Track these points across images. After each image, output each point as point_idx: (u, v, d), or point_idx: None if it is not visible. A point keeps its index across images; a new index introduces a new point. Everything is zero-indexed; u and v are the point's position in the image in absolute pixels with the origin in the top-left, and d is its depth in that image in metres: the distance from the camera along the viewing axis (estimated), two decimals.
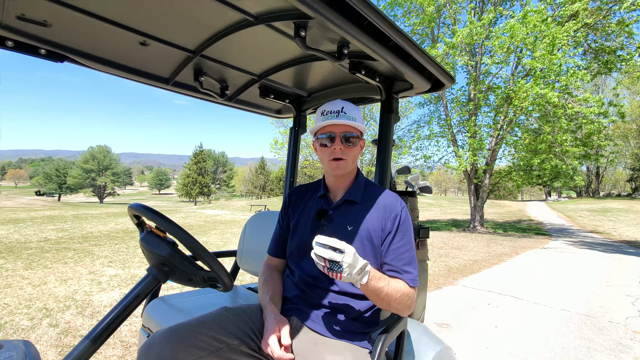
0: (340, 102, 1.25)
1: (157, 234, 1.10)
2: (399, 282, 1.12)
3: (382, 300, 1.06)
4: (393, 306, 1.09)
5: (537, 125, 12.68)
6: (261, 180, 61.11)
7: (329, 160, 1.22)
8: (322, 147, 1.24)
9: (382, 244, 1.17)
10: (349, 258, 0.94)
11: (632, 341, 3.19)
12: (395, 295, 1.07)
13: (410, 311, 1.14)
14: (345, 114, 1.21)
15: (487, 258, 7.33)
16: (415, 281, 1.15)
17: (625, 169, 44.91)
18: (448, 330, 3.31)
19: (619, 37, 10.72)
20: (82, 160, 61.17)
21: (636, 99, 31.97)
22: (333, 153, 1.21)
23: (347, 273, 0.95)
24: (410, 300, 1.12)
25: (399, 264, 1.15)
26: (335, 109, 1.23)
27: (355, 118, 1.22)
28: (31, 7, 1.07)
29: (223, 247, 7.55)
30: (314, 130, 1.26)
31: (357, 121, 1.22)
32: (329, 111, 1.23)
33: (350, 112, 1.23)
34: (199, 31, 1.31)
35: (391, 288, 1.06)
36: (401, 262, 1.15)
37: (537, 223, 17.09)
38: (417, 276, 1.16)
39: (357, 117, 1.23)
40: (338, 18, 0.94)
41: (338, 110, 1.22)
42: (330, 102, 1.27)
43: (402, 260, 1.15)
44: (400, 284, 1.11)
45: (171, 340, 0.98)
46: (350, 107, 1.24)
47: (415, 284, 1.15)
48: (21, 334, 2.76)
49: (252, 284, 2.31)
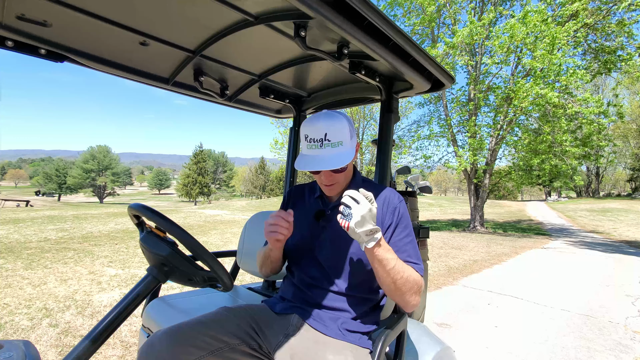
0: (323, 125, 1.09)
1: (157, 234, 1.10)
2: (408, 266, 1.10)
3: (388, 274, 1.03)
4: (399, 286, 1.04)
5: (537, 125, 12.68)
6: (261, 180, 61.08)
7: (321, 183, 1.23)
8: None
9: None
10: (361, 210, 0.94)
11: (632, 341, 3.19)
12: (403, 274, 1.04)
13: (417, 302, 1.11)
14: (330, 141, 1.08)
15: (487, 258, 7.33)
16: (420, 270, 1.14)
17: (625, 169, 44.90)
18: (448, 330, 3.31)
19: (619, 37, 10.71)
20: (82, 160, 61.18)
21: (636, 99, 31.97)
22: (322, 181, 1.20)
23: (353, 223, 0.94)
24: (418, 286, 1.09)
25: (403, 255, 1.14)
26: (318, 136, 1.09)
27: (342, 141, 1.10)
28: (31, 7, 1.07)
29: (223, 247, 7.55)
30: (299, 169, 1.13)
31: (345, 144, 1.10)
32: (311, 138, 1.11)
33: (335, 135, 1.09)
34: (199, 31, 1.31)
35: (400, 264, 1.05)
36: (405, 253, 1.15)
37: (537, 223, 17.09)
38: (422, 265, 1.16)
39: (344, 138, 1.10)
40: (338, 18, 0.94)
41: (321, 139, 1.09)
42: (312, 122, 1.12)
43: (406, 252, 1.15)
44: (410, 268, 1.10)
45: (171, 340, 0.98)
46: (334, 129, 1.09)
47: (421, 272, 1.14)
48: (21, 334, 2.76)
49: (252, 284, 2.31)
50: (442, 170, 22.23)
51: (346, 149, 1.11)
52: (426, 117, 14.90)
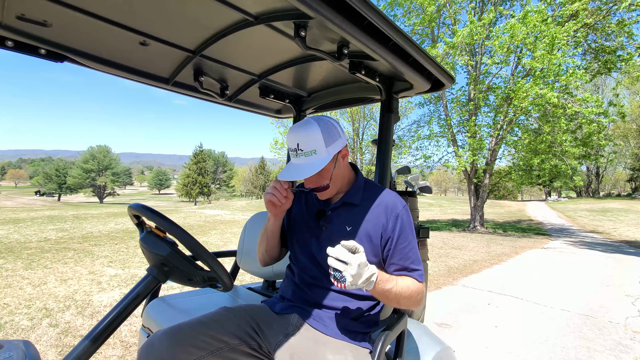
0: (295, 136, 1.10)
1: (157, 234, 1.10)
2: (406, 279, 1.13)
3: (391, 300, 1.08)
4: (403, 303, 1.10)
5: (537, 125, 12.68)
6: (261, 180, 61.06)
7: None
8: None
9: (385, 244, 1.17)
10: (352, 269, 0.94)
11: (632, 341, 3.19)
12: (405, 294, 1.08)
13: (420, 306, 1.16)
14: (302, 150, 1.09)
15: (487, 258, 7.33)
16: (422, 276, 1.17)
17: (625, 169, 44.90)
18: (448, 330, 3.31)
19: (619, 37, 10.71)
20: (82, 160, 61.17)
21: (636, 99, 31.97)
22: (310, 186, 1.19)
23: (349, 283, 0.95)
24: (419, 295, 1.13)
25: (405, 262, 1.15)
26: (293, 146, 1.11)
27: (316, 149, 1.08)
28: (31, 7, 1.07)
29: (223, 247, 7.55)
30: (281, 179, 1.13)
31: (319, 152, 1.08)
32: (291, 148, 1.13)
33: (307, 144, 1.08)
34: (199, 31, 1.31)
35: (399, 287, 1.07)
36: (408, 261, 1.16)
37: (537, 223, 17.09)
38: (423, 271, 1.18)
39: (317, 146, 1.08)
40: (338, 18, 0.94)
41: (295, 149, 1.10)
42: (290, 130, 1.14)
43: (408, 259, 1.16)
44: (409, 281, 1.12)
45: (171, 340, 0.98)
46: (306, 139, 1.08)
47: (423, 279, 1.17)
48: (21, 334, 2.76)
49: (252, 284, 2.31)
50: (442, 170, 22.20)
51: (320, 157, 1.09)
52: (426, 117, 14.89)
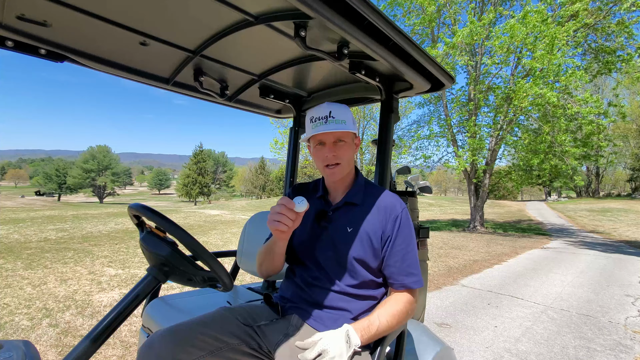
0: (327, 107, 1.20)
1: (157, 234, 1.10)
2: (391, 304, 1.12)
3: (386, 332, 1.08)
4: (395, 327, 1.10)
5: (537, 125, 12.68)
6: (261, 180, 61.06)
7: (324, 166, 1.22)
8: (315, 152, 1.24)
9: (383, 246, 1.17)
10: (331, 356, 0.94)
11: (632, 341, 3.19)
12: (393, 322, 1.08)
13: (412, 316, 1.16)
14: (334, 118, 1.18)
15: (487, 258, 7.33)
16: (419, 282, 1.16)
17: (625, 169, 44.90)
18: (448, 330, 3.31)
19: (619, 38, 10.71)
20: (82, 160, 61.21)
21: (636, 99, 31.96)
22: (326, 159, 1.20)
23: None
24: (410, 307, 1.14)
25: (402, 265, 1.15)
26: (323, 114, 1.18)
27: (345, 120, 1.19)
28: (31, 7, 1.07)
29: (223, 247, 7.55)
30: (304, 140, 1.27)
31: (347, 123, 1.19)
32: (317, 117, 1.20)
33: (339, 115, 1.18)
34: (199, 31, 1.31)
35: (384, 321, 1.06)
36: (405, 264, 1.15)
37: (537, 223, 17.09)
38: (420, 277, 1.17)
39: (347, 119, 1.20)
40: (338, 18, 0.94)
41: (326, 116, 1.18)
42: (317, 106, 1.23)
43: (405, 262, 1.15)
44: (393, 305, 1.11)
45: (171, 340, 0.98)
46: (338, 110, 1.19)
47: (420, 285, 1.16)
48: (21, 334, 2.76)
49: (252, 284, 2.31)
50: (442, 170, 22.22)
51: (349, 127, 1.19)
52: (426, 117, 14.89)
